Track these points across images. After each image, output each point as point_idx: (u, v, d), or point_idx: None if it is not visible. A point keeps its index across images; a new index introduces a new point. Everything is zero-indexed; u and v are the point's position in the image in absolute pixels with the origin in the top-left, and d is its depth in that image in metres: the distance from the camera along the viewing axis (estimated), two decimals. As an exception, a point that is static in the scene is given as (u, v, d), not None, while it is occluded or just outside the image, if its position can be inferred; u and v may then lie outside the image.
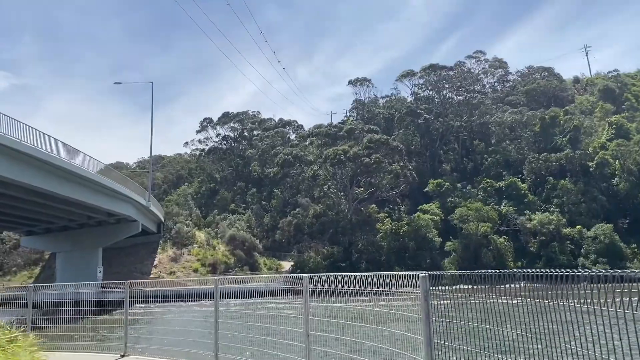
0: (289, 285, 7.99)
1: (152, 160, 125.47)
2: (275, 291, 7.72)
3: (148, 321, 11.75)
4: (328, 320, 7.05)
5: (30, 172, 34.60)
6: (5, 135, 31.21)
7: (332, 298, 6.81)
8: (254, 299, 8.44)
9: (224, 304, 8.68)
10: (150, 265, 63.64)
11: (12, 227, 58.80)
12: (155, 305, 10.62)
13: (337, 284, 6.70)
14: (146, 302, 10.33)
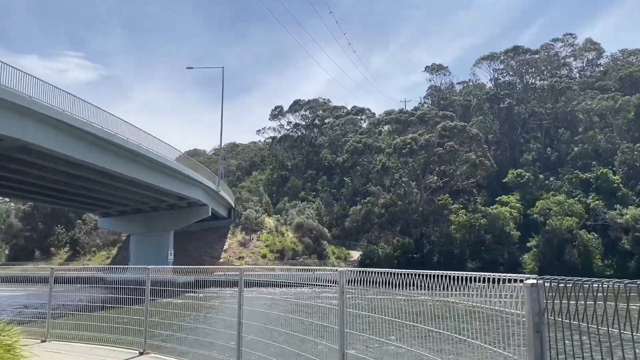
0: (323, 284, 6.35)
1: (227, 147, 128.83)
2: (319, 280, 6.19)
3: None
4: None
5: (111, 158, 35.65)
6: (100, 127, 32.72)
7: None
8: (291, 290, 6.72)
9: (250, 296, 7.18)
10: (220, 250, 64.32)
11: (91, 209, 61.21)
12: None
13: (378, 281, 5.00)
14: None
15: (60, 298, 11.15)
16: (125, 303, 9.77)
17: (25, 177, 36.09)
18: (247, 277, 7.52)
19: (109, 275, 11.05)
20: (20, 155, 29.97)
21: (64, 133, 30.00)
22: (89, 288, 11.00)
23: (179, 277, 9.08)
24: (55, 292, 11.29)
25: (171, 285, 8.97)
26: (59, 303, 11.06)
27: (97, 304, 10.26)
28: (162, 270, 9.15)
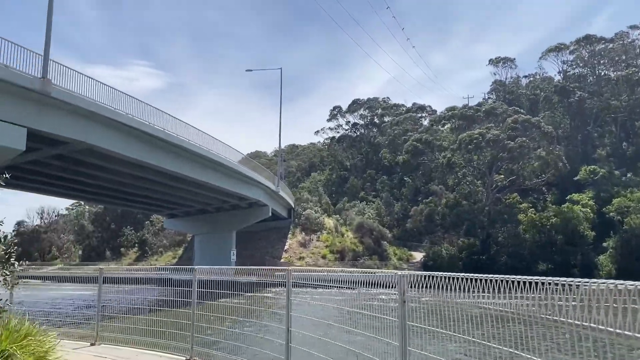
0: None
1: (287, 149, 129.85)
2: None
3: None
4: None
5: (175, 160, 36.31)
6: (162, 130, 33.22)
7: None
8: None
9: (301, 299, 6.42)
10: (281, 250, 64.39)
11: (157, 210, 62.93)
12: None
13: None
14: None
15: (113, 300, 10.84)
16: (174, 306, 9.27)
17: (94, 179, 37.26)
18: (296, 279, 6.78)
19: (160, 276, 10.58)
20: (86, 158, 30.83)
21: (127, 136, 30.60)
22: (141, 289, 10.62)
23: (237, 278, 8.43)
24: (108, 293, 11.02)
25: (227, 286, 8.35)
26: (112, 305, 10.74)
27: (146, 306, 9.83)
28: (209, 271, 8.57)
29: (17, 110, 23.22)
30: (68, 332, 10.62)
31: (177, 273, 9.04)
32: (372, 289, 5.88)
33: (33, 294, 10.59)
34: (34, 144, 26.11)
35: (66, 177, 36.25)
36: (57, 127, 25.28)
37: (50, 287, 36.18)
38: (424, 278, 4.44)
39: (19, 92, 23.05)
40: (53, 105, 24.69)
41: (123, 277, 11.15)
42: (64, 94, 24.90)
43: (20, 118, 23.29)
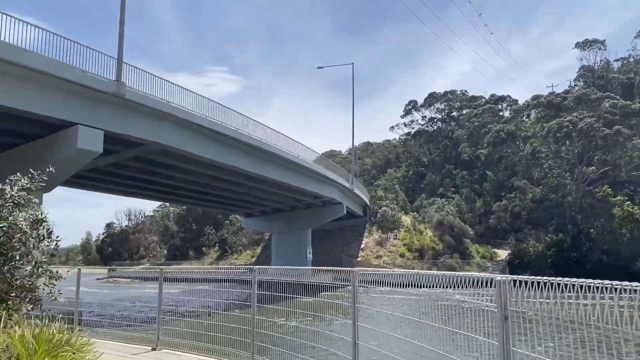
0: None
1: (361, 147, 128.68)
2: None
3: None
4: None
5: (251, 160, 36.38)
6: (234, 129, 33.33)
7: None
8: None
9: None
10: (358, 249, 63.34)
11: (234, 210, 63.95)
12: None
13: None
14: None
15: (175, 301, 10.26)
16: (236, 309, 8.49)
17: (170, 180, 38.04)
18: (364, 283, 5.70)
19: (226, 277, 9.84)
20: (162, 159, 31.35)
21: (200, 136, 30.78)
22: (202, 291, 9.95)
23: (297, 279, 7.49)
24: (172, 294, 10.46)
25: (291, 289, 7.43)
26: (175, 306, 10.15)
27: (207, 309, 9.12)
28: (269, 272, 7.68)
29: (93, 113, 23.77)
30: (131, 336, 10.17)
31: (236, 274, 8.25)
32: (453, 290, 4.70)
33: (109, 293, 10.17)
34: (112, 146, 26.75)
35: (144, 178, 37.23)
36: (131, 129, 25.71)
37: (134, 286, 37.15)
38: (535, 285, 3.19)
39: (95, 96, 23.57)
40: (127, 107, 25.11)
41: (195, 277, 10.57)
42: (137, 96, 25.27)
43: (97, 121, 23.82)
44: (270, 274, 7.54)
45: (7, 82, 20.52)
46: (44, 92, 21.72)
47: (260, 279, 7.48)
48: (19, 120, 22.79)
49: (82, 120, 23.15)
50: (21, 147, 25.78)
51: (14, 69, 20.42)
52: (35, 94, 21.45)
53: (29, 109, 21.42)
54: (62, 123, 23.14)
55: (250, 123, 36.15)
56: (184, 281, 11.15)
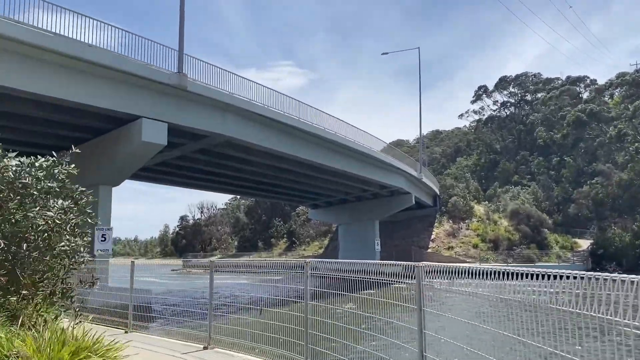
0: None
1: (429, 135, 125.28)
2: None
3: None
4: None
5: (317, 151, 35.84)
6: (298, 119, 32.75)
7: None
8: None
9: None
10: (428, 240, 61.48)
11: (301, 201, 63.83)
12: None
13: None
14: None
15: (227, 295, 9.63)
16: (289, 305, 7.68)
17: (236, 172, 38.11)
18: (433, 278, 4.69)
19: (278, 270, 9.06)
20: (227, 150, 31.28)
21: (264, 126, 30.43)
22: (255, 285, 9.24)
23: (356, 276, 6.56)
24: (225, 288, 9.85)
25: (351, 285, 6.52)
26: (228, 301, 9.52)
27: (258, 306, 8.39)
28: (324, 266, 6.80)
29: (156, 106, 23.87)
30: (185, 333, 9.65)
31: (287, 267, 7.43)
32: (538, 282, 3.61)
33: (179, 284, 9.61)
34: (177, 139, 26.85)
35: (211, 171, 37.50)
36: (194, 121, 25.67)
37: (204, 277, 37.33)
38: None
39: (157, 88, 23.64)
40: (189, 99, 25.06)
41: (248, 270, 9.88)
42: (199, 87, 25.16)
43: (160, 113, 23.90)
44: (325, 268, 6.66)
45: (72, 78, 20.87)
46: (108, 86, 21.98)
47: (313, 273, 6.64)
48: (87, 114, 23.23)
49: (145, 114, 23.29)
50: (91, 141, 26.39)
51: (78, 64, 20.73)
52: (100, 88, 21.72)
53: (94, 104, 21.73)
54: (126, 117, 23.40)
55: (314, 113, 35.46)
56: (243, 272, 10.49)
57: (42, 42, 19.27)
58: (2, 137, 22.16)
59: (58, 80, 20.49)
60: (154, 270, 16.46)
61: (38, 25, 19.52)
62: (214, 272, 9.24)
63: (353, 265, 6.00)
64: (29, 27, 19.01)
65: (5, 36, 18.27)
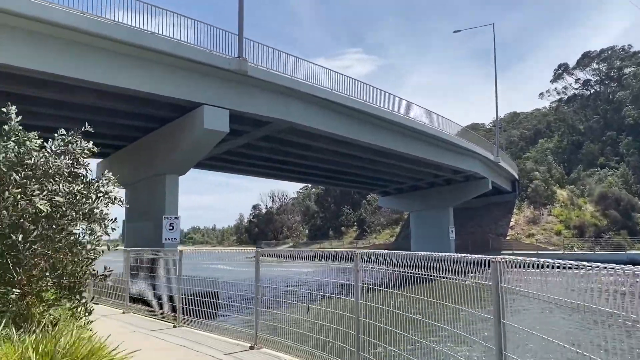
0: None
1: (507, 117, 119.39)
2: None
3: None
4: None
5: (385, 136, 34.43)
6: (363, 102, 31.37)
7: None
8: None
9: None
10: (506, 227, 58.38)
11: (370, 188, 62.48)
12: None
13: None
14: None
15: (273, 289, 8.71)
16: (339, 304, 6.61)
17: (303, 160, 37.41)
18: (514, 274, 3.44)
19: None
20: (292, 137, 30.59)
21: (328, 111, 29.43)
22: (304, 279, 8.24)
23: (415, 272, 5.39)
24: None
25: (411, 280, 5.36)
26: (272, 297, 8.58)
27: (303, 302, 7.39)
28: (377, 259, 5.65)
29: (217, 92, 23.46)
30: (233, 329, 8.87)
31: (335, 259, 6.36)
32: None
33: (247, 271, 8.76)
34: (240, 126, 26.43)
35: (277, 159, 36.99)
36: (256, 107, 25.08)
37: (272, 265, 37.24)
38: None
39: (218, 74, 23.21)
40: (250, 84, 24.46)
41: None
42: (260, 72, 24.49)
43: (221, 100, 23.48)
44: (378, 261, 5.52)
45: (133, 66, 20.79)
46: (168, 74, 21.78)
47: (365, 267, 5.53)
48: (151, 103, 23.24)
49: (207, 100, 22.94)
50: (157, 130, 26.55)
51: (139, 52, 20.60)
52: (161, 76, 21.55)
53: (156, 92, 21.61)
54: (188, 104, 23.16)
55: (382, 96, 33.97)
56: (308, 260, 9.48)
57: (102, 30, 19.23)
58: (68, 128, 22.17)
59: (120, 70, 20.47)
60: (229, 258, 15.98)
61: (93, 13, 19.47)
62: (275, 260, 8.34)
63: (417, 257, 4.83)
64: (89, 16, 19.00)
65: (65, 25, 18.33)
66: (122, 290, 12.54)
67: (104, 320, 11.08)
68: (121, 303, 12.59)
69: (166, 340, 8.70)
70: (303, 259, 7.67)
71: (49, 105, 22.35)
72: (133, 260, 12.43)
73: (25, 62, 18.22)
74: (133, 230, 29.13)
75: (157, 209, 25.94)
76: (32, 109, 22.36)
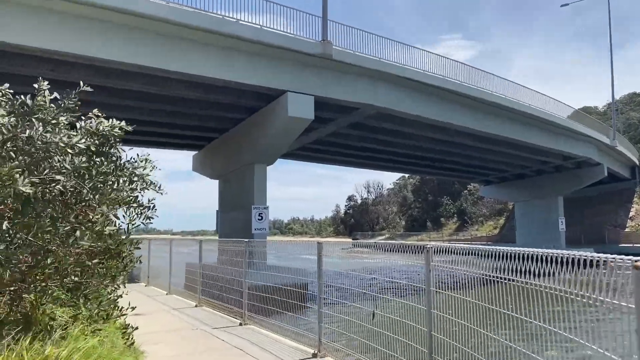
0: None
1: (624, 99, 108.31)
2: None
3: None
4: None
5: (485, 119, 31.87)
6: (458, 82, 28.97)
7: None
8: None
9: None
10: (624, 217, 52.88)
11: (470, 177, 59.13)
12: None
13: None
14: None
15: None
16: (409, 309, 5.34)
17: (395, 147, 35.74)
18: None
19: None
20: (381, 124, 29.11)
21: (421, 94, 27.61)
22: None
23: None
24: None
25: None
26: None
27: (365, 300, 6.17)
28: (452, 253, 4.32)
29: (300, 78, 22.65)
30: (298, 332, 7.87)
31: (400, 251, 5.07)
32: None
33: (337, 263, 7.72)
34: (326, 114, 25.50)
35: (366, 147, 35.51)
36: (341, 92, 23.94)
37: (365, 256, 35.78)
38: None
39: (301, 59, 22.37)
40: (335, 68, 23.36)
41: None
42: (345, 55, 23.30)
43: (305, 86, 22.65)
44: (454, 258, 4.18)
45: (217, 56, 20.53)
46: (250, 61, 21.26)
47: (438, 266, 4.23)
48: (236, 93, 22.98)
49: (290, 87, 22.22)
50: (246, 120, 26.38)
51: (220, 40, 20.29)
52: (242, 63, 21.11)
53: (239, 80, 21.20)
54: (273, 92, 22.60)
55: (481, 76, 31.31)
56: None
57: (185, 19, 19.09)
58: (154, 122, 22.20)
59: (205, 59, 20.28)
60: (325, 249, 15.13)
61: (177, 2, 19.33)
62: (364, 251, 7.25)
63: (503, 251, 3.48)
64: (169, 4, 18.91)
65: (151, 16, 18.37)
66: (199, 282, 12.06)
67: (168, 315, 10.62)
68: (196, 296, 12.14)
69: (224, 340, 7.92)
70: (382, 251, 6.41)
71: (136, 98, 22.80)
72: (206, 251, 11.91)
73: (116, 54, 18.50)
74: (226, 220, 29.41)
75: (247, 199, 25.84)
76: (126, 102, 23.05)
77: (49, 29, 17.22)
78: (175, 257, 14.36)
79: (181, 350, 7.34)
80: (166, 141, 33.67)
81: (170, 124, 28.03)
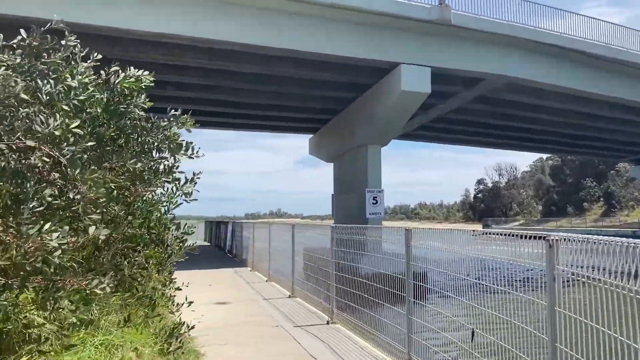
0: None
1: None
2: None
3: None
4: None
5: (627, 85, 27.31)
6: (613, 47, 25.10)
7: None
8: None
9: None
10: None
11: (619, 156, 52.04)
12: None
13: None
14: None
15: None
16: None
17: (527, 123, 31.96)
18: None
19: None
20: (510, 96, 25.97)
21: (560, 61, 24.05)
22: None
23: None
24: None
25: None
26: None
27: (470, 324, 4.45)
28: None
29: (415, 48, 20.61)
30: (386, 341, 6.35)
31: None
32: None
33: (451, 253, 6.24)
34: (446, 87, 23.19)
35: (495, 124, 32.26)
36: (462, 62, 21.45)
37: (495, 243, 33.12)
38: None
39: (415, 27, 20.30)
40: (455, 35, 20.92)
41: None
42: (466, 19, 20.77)
43: (420, 57, 20.58)
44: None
45: (324, 30, 19.29)
46: (358, 32, 19.72)
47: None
48: (347, 69, 21.59)
49: (404, 59, 20.31)
50: (357, 100, 25.05)
51: (329, 12, 19.00)
52: (353, 35, 19.66)
53: (348, 54, 19.82)
54: (385, 65, 20.86)
55: (636, 37, 26.73)
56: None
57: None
58: (272, 104, 21.15)
59: (311, 34, 19.16)
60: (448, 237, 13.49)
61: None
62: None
63: None
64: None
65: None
66: (292, 270, 11.01)
67: (254, 305, 9.68)
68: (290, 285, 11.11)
69: (300, 344, 6.67)
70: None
71: (247, 80, 22.41)
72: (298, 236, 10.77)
73: (222, 34, 18.08)
74: (341, 203, 28.41)
75: (361, 182, 24.56)
76: (240, 85, 22.89)
77: (160, 12, 17.14)
78: (275, 243, 13.47)
79: (245, 355, 6.21)
80: (285, 125, 33.52)
81: (279, 106, 27.47)
